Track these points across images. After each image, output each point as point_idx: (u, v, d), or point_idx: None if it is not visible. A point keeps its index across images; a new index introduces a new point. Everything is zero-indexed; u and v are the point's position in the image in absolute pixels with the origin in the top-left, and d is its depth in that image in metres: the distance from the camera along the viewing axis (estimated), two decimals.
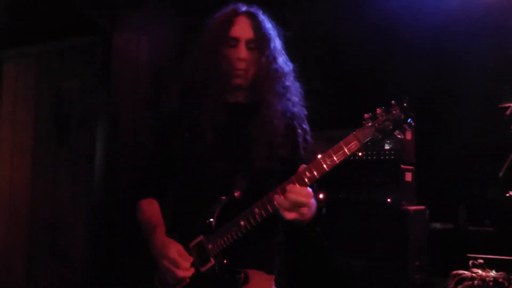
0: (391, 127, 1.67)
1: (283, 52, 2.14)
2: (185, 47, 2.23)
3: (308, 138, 2.12)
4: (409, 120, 1.66)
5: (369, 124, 1.70)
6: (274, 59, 2.06)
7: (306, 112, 2.15)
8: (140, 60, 4.02)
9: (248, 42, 2.03)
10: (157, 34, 4.12)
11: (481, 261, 3.11)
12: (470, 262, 3.16)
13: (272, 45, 2.06)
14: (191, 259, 1.88)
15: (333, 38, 4.95)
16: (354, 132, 1.71)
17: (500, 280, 2.92)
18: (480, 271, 3.05)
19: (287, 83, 2.10)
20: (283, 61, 2.11)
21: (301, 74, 2.17)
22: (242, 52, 2.01)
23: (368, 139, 1.69)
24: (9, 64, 4.43)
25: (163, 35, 4.15)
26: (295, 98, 2.12)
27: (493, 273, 3.01)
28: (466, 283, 3.10)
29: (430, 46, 4.54)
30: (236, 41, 2.02)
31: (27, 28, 4.12)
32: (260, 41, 2.03)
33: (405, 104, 1.66)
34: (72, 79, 4.07)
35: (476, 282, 2.96)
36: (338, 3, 4.66)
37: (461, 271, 3.19)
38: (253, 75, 2.04)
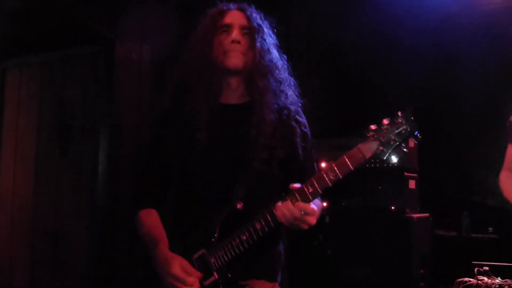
0: (397, 140, 1.63)
1: (278, 47, 2.10)
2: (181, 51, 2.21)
3: (308, 134, 2.07)
4: (416, 133, 1.62)
5: (374, 136, 1.65)
6: (268, 50, 2.02)
7: (301, 105, 2.09)
8: (142, 68, 4.02)
9: (242, 28, 1.99)
10: (159, 42, 4.12)
11: (486, 268, 3.09)
12: (476, 269, 3.15)
13: (265, 36, 2.02)
14: (197, 274, 1.85)
15: (334, 45, 4.96)
16: (358, 145, 1.67)
17: (506, 287, 2.91)
18: (485, 279, 3.03)
19: (282, 76, 2.05)
20: (276, 55, 2.06)
21: (303, 81, 2.14)
22: (236, 34, 1.97)
23: (372, 154, 1.65)
24: (12, 73, 4.43)
25: (165, 43, 4.15)
26: (290, 92, 2.06)
27: (498, 280, 3.00)
28: None
29: (431, 53, 4.55)
30: (229, 26, 1.99)
31: (30, 37, 4.12)
32: (254, 28, 2.00)
33: (412, 117, 1.62)
34: (74, 88, 4.07)
35: None
36: (340, 11, 4.67)
37: (466, 279, 3.18)
38: (249, 62, 1.98)
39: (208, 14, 2.06)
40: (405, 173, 3.82)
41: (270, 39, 2.06)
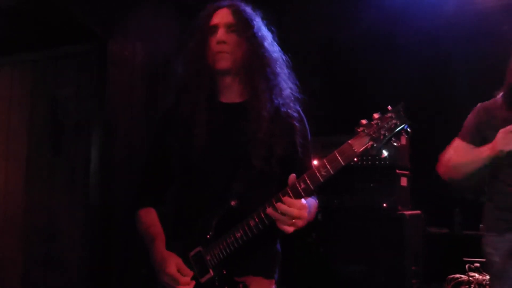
0: (387, 134, 1.62)
1: (272, 41, 2.10)
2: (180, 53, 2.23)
3: (307, 130, 2.08)
4: (405, 126, 1.61)
5: (365, 131, 1.64)
6: (260, 44, 2.03)
7: (300, 99, 2.10)
8: (135, 66, 4.02)
9: (228, 26, 2.01)
10: (152, 41, 4.12)
11: (477, 264, 3.12)
12: (467, 266, 3.17)
13: (255, 30, 2.03)
14: (190, 273, 1.87)
15: (328, 43, 4.97)
16: (349, 141, 1.66)
17: None
18: (476, 275, 3.06)
19: (277, 70, 2.05)
20: (269, 48, 2.06)
21: (297, 79, 2.14)
22: (221, 35, 1.99)
23: (363, 149, 1.64)
24: (4, 72, 4.41)
25: (158, 42, 4.15)
26: (287, 86, 2.07)
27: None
28: (463, 287, 3.11)
29: (425, 52, 4.57)
30: (215, 27, 2.01)
31: (22, 35, 4.10)
32: (241, 24, 2.01)
33: (401, 112, 1.61)
34: (67, 86, 4.05)
35: (472, 285, 2.97)
36: (335, 10, 4.68)
37: (457, 275, 3.21)
38: (239, 59, 2.00)
39: (200, 16, 2.10)
40: (397, 171, 3.83)
41: (261, 32, 2.05)
